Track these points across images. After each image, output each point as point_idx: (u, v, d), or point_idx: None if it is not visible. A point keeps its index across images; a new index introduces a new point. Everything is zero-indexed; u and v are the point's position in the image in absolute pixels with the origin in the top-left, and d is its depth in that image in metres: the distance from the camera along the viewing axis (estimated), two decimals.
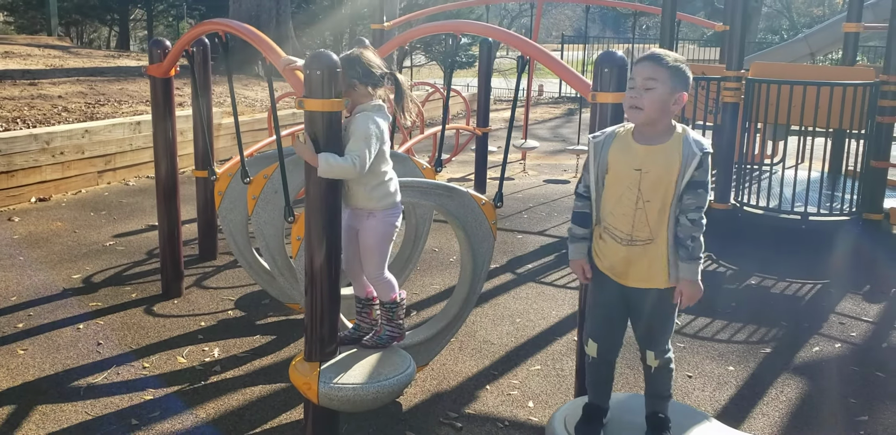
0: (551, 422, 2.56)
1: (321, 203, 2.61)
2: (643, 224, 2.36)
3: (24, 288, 4.53)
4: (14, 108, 8.02)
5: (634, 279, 2.41)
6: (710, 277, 5.21)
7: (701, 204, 2.32)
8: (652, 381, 2.51)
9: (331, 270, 2.67)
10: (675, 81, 2.30)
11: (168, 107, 4.20)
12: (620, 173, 2.37)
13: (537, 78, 23.43)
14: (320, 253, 2.64)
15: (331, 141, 2.54)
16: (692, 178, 2.32)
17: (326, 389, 2.58)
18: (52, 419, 3.08)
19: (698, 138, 2.35)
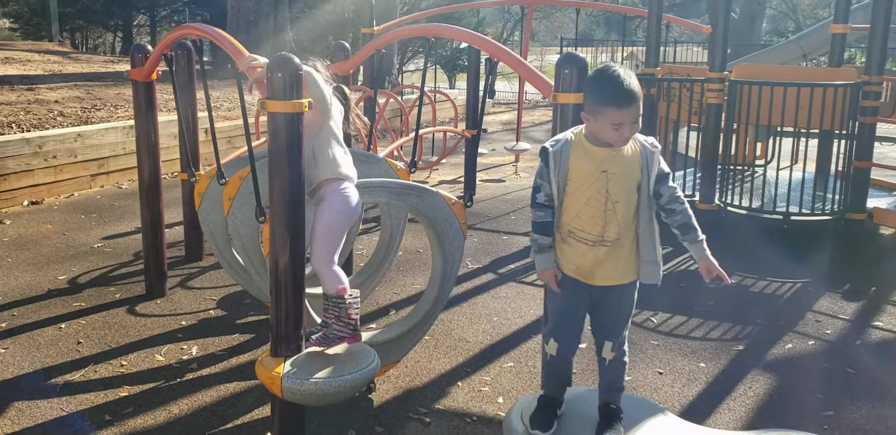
0: (509, 414, 2.61)
1: (285, 204, 2.68)
2: (613, 225, 2.41)
3: (9, 289, 4.61)
4: (10, 114, 8.13)
5: (602, 278, 2.47)
6: (690, 276, 5.27)
7: (676, 188, 2.46)
8: (606, 373, 2.57)
9: (294, 270, 2.73)
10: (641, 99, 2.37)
11: (150, 110, 4.28)
12: (586, 177, 2.41)
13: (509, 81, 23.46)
14: (284, 253, 2.71)
15: (293, 141, 2.61)
16: (661, 172, 2.43)
17: (289, 383, 2.65)
18: (27, 415, 3.15)
19: (644, 137, 2.44)
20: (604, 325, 2.55)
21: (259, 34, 13.13)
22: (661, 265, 2.48)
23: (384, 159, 3.81)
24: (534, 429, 2.47)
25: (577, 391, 2.76)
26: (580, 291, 2.50)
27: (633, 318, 4.39)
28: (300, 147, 2.64)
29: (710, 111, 6.08)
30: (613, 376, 2.56)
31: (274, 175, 2.65)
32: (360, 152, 3.86)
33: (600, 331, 2.57)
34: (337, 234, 2.95)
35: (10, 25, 31.03)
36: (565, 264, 2.50)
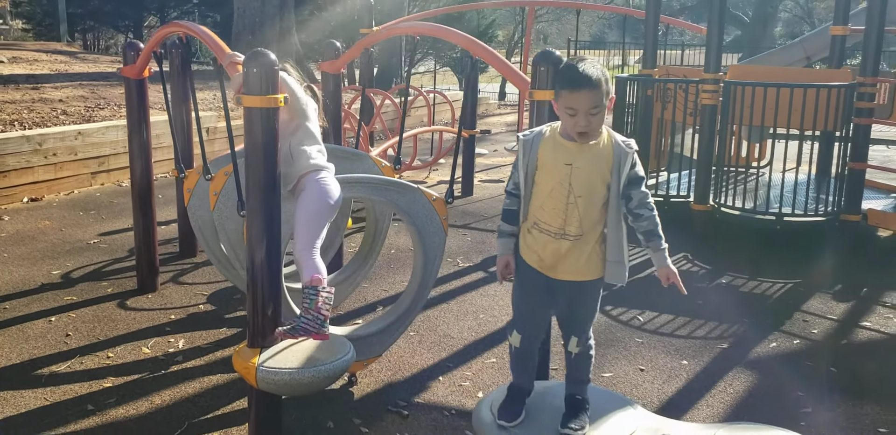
0: (478, 405, 2.65)
1: (261, 197, 2.72)
2: (574, 219, 2.44)
3: (2, 283, 4.68)
4: (13, 112, 8.22)
5: (564, 272, 2.50)
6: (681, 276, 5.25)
7: (647, 194, 2.48)
8: (572, 366, 2.60)
9: (271, 263, 2.78)
10: (606, 91, 2.38)
11: (142, 107, 4.34)
12: (551, 169, 2.45)
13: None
14: (260, 246, 2.75)
15: (268, 136, 2.65)
16: (634, 175, 2.44)
17: (263, 373, 2.69)
18: (11, 404, 3.20)
19: (623, 138, 2.47)
20: (569, 320, 2.58)
21: (265, 35, 13.21)
22: (626, 266, 2.51)
23: (369, 156, 3.85)
24: (500, 419, 2.50)
25: (548, 384, 2.79)
26: (541, 284, 2.53)
27: (619, 316, 4.46)
28: (276, 142, 2.69)
29: (705, 112, 6.10)
30: (579, 369, 2.59)
31: (250, 169, 2.70)
32: (346, 150, 3.91)
33: (566, 325, 2.61)
34: (318, 221, 2.98)
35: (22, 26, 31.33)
36: (529, 254, 2.54)
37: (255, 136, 2.63)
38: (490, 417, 2.52)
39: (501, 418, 2.51)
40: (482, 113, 16.45)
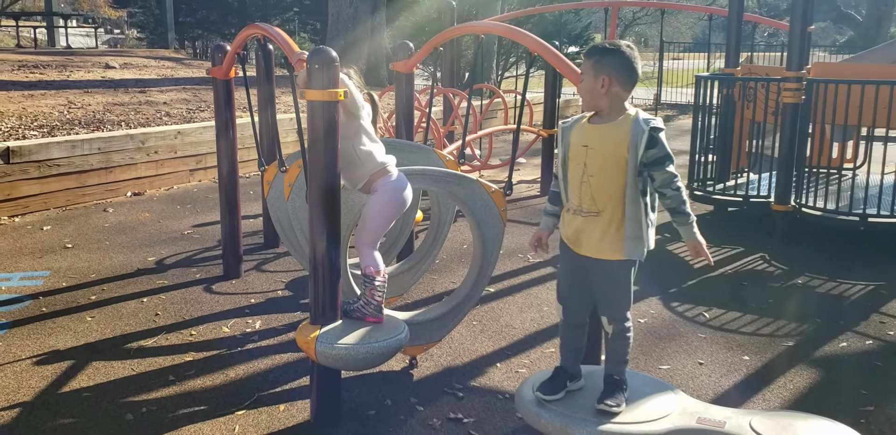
0: (522, 384, 2.77)
1: (321, 188, 2.91)
2: (588, 197, 2.58)
3: (103, 267, 5.08)
4: (121, 113, 8.82)
5: (586, 249, 2.63)
6: (756, 276, 5.22)
7: (673, 175, 2.53)
8: (609, 345, 2.69)
9: (330, 249, 2.96)
10: (596, 70, 2.54)
11: (229, 106, 4.64)
12: (574, 151, 2.62)
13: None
14: (322, 234, 2.95)
15: (329, 127, 2.85)
16: (654, 155, 2.50)
17: (322, 347, 2.88)
18: (102, 373, 3.52)
19: (647, 117, 2.53)
20: (599, 298, 2.69)
21: (356, 38, 13.63)
22: (645, 242, 2.58)
23: (433, 150, 4.01)
24: (538, 390, 2.62)
25: (595, 369, 2.88)
26: (572, 258, 2.69)
27: (684, 312, 4.47)
28: (336, 134, 2.87)
29: (787, 111, 6.00)
30: (615, 350, 2.67)
31: (311, 160, 2.90)
32: (411, 143, 4.08)
33: (598, 304, 2.71)
34: (384, 223, 3.23)
35: (137, 35, 33.18)
36: (564, 230, 2.73)
37: (317, 128, 2.83)
38: (530, 394, 2.64)
39: (539, 390, 2.62)
40: (573, 114, 16.42)
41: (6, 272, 4.95)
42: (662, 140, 2.52)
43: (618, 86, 2.54)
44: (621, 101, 2.57)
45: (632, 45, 2.59)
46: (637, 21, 34.68)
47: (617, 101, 2.56)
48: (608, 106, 2.56)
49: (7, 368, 3.56)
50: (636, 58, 2.57)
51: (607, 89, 2.53)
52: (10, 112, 8.13)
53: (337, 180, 2.95)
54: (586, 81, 2.57)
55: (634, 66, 2.56)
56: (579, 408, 2.56)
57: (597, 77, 2.53)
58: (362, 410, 3.24)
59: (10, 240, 5.70)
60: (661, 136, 2.52)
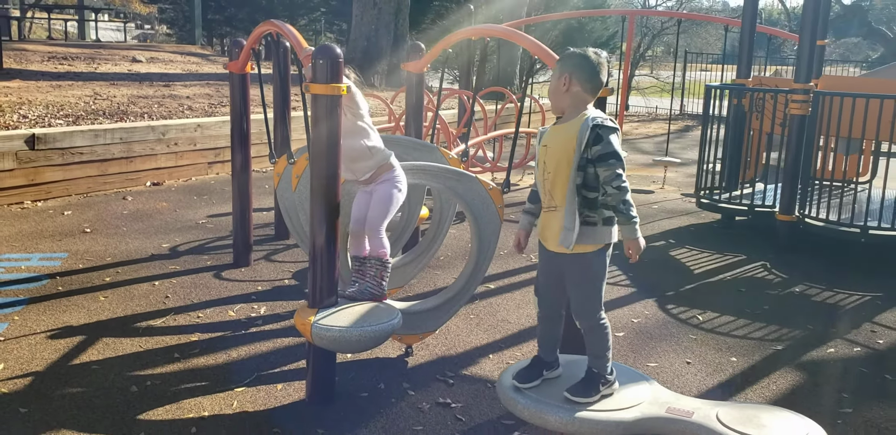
0: (503, 372, 2.90)
1: (324, 178, 3.06)
2: (547, 193, 2.74)
3: (119, 252, 5.27)
4: (145, 106, 9.05)
5: (550, 243, 2.77)
6: (755, 283, 5.32)
7: (617, 172, 2.59)
8: (585, 339, 2.81)
9: (330, 234, 3.12)
10: (560, 69, 2.70)
11: (244, 100, 4.81)
12: (539, 151, 2.79)
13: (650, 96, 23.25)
14: (321, 222, 3.10)
15: (332, 121, 3.00)
16: (598, 152, 2.60)
17: (317, 329, 3.03)
18: (111, 348, 3.69)
19: (597, 115, 2.66)
20: (569, 295, 2.79)
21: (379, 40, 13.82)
22: (573, 232, 2.63)
23: (437, 148, 4.16)
24: (514, 378, 2.75)
25: (575, 358, 3.00)
26: (543, 253, 2.82)
27: (678, 314, 4.58)
28: (339, 127, 3.03)
29: (794, 123, 6.09)
30: (589, 344, 2.78)
31: (314, 152, 3.05)
32: (416, 141, 4.23)
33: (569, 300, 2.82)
34: (391, 209, 3.44)
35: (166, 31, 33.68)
36: (538, 226, 2.86)
37: (320, 121, 2.99)
38: (509, 381, 2.77)
39: (515, 378, 2.75)
40: None
41: (27, 253, 5.15)
42: (609, 138, 2.60)
43: (578, 86, 2.66)
44: (583, 103, 2.69)
45: (599, 53, 2.72)
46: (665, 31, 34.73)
47: (578, 101, 2.69)
48: (569, 106, 2.69)
49: (23, 340, 3.75)
50: (601, 64, 2.69)
51: (568, 88, 2.67)
52: (38, 101, 8.38)
53: (337, 172, 3.10)
54: (552, 82, 2.74)
55: (597, 71, 2.68)
56: (554, 395, 2.69)
57: (560, 76, 2.69)
58: (356, 392, 3.38)
59: (33, 223, 5.91)
60: (606, 134, 2.60)
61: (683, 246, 6.25)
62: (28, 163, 6.40)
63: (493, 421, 3.20)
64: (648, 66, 40.78)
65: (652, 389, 2.77)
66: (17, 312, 4.11)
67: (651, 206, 7.85)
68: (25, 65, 10.96)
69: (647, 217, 7.26)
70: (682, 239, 6.47)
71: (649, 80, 28.23)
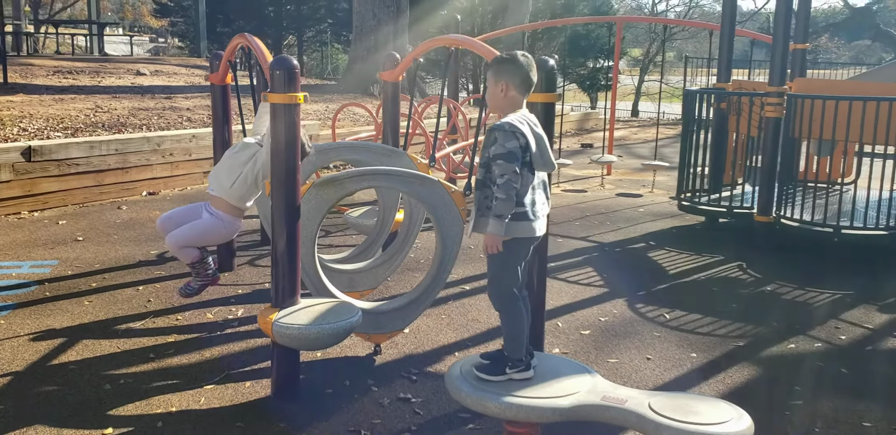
0: (453, 364, 3.04)
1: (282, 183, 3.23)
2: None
3: (108, 258, 5.46)
4: (145, 117, 9.28)
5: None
6: (727, 282, 5.43)
7: (502, 171, 2.75)
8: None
9: (291, 240, 3.28)
10: (497, 77, 2.88)
11: (225, 111, 5.00)
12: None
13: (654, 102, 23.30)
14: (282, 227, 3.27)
15: (290, 128, 3.17)
16: (493, 152, 2.79)
17: (277, 327, 3.19)
18: (89, 349, 3.87)
19: (505, 120, 2.83)
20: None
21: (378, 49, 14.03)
22: (472, 222, 2.88)
23: (406, 154, 4.32)
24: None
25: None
26: None
27: (646, 313, 4.70)
28: (296, 134, 3.19)
29: (769, 125, 6.21)
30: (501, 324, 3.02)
31: (274, 159, 3.22)
32: (385, 147, 4.39)
33: None
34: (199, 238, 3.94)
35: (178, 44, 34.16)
36: None
37: (278, 129, 3.15)
38: (455, 371, 2.92)
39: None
40: (592, 127, 16.67)
41: (19, 260, 5.35)
42: (500, 139, 2.79)
43: (514, 90, 2.86)
44: (517, 104, 2.89)
45: (527, 55, 2.90)
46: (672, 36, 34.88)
47: (512, 104, 2.88)
48: (504, 109, 2.88)
49: (6, 342, 3.93)
50: (531, 66, 2.89)
51: (505, 93, 2.86)
52: (39, 114, 8.62)
53: (297, 177, 3.27)
54: (489, 88, 2.90)
55: (529, 74, 2.88)
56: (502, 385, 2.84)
57: (497, 83, 2.85)
58: (321, 389, 3.53)
59: (27, 232, 6.12)
60: (501, 136, 2.79)
61: (663, 248, 6.37)
62: (24, 174, 6.61)
63: (449, 414, 3.34)
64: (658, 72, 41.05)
65: (593, 381, 2.90)
66: (3, 316, 4.30)
67: (637, 209, 7.97)
68: (30, 79, 11.24)
69: (631, 220, 7.39)
70: (662, 241, 6.59)
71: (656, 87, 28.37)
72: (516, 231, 2.86)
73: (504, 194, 2.75)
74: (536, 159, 2.89)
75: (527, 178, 2.85)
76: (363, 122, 11.20)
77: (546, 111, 3.38)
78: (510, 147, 2.77)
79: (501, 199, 2.75)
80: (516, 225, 2.85)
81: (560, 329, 4.41)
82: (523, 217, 2.86)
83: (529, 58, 2.89)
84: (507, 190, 2.75)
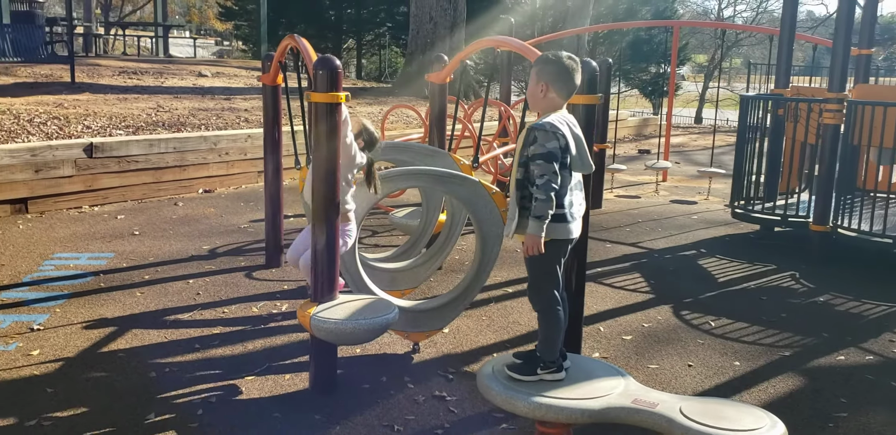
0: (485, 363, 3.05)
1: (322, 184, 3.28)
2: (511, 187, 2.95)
3: (162, 252, 5.63)
4: (203, 118, 9.51)
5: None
6: (778, 292, 5.31)
7: (542, 172, 2.75)
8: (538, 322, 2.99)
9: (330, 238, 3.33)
10: (538, 76, 2.87)
11: (276, 110, 5.10)
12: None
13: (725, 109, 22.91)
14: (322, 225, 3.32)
15: (331, 127, 3.23)
16: (532, 151, 2.78)
17: (315, 321, 3.25)
18: (138, 338, 4.00)
19: (545, 119, 2.82)
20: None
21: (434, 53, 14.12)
22: (514, 221, 2.85)
23: (449, 154, 4.35)
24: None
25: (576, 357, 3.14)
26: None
27: (691, 320, 4.64)
28: (337, 133, 3.24)
29: (827, 132, 6.07)
30: (539, 327, 2.99)
31: (315, 158, 3.28)
32: (428, 147, 4.43)
33: None
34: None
35: (241, 47, 34.90)
36: None
37: (320, 127, 3.21)
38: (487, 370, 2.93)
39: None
40: (650, 133, 16.47)
41: (77, 252, 5.55)
42: (540, 139, 2.77)
43: (553, 92, 2.85)
44: (556, 107, 2.87)
45: (573, 57, 2.88)
46: (738, 42, 34.23)
47: (551, 105, 2.87)
48: (543, 109, 2.88)
49: (60, 329, 4.09)
50: (575, 69, 2.86)
51: (545, 94, 2.85)
52: (103, 113, 8.92)
53: (336, 176, 3.31)
54: (530, 86, 2.90)
55: (572, 76, 2.86)
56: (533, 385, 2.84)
57: (538, 83, 2.85)
58: (359, 384, 3.58)
59: (87, 225, 6.34)
60: (541, 135, 2.78)
61: (714, 255, 6.26)
62: (86, 170, 6.85)
63: (483, 414, 3.35)
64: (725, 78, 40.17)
65: (625, 383, 2.88)
66: (59, 305, 4.46)
67: (691, 216, 7.85)
68: (97, 79, 11.63)
69: (683, 227, 7.28)
70: (713, 249, 6.48)
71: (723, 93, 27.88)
72: (555, 232, 2.86)
73: (544, 195, 2.75)
74: (575, 160, 2.89)
75: (566, 179, 2.85)
76: (416, 124, 11.27)
77: (587, 113, 3.37)
78: (550, 147, 2.77)
79: (541, 199, 2.75)
80: (554, 226, 2.85)
81: (602, 334, 4.38)
82: (561, 219, 2.86)
83: (575, 60, 2.88)
84: (547, 190, 2.75)
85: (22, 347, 3.85)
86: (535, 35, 19.99)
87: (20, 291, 4.68)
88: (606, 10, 26.98)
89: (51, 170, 6.63)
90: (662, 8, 27.88)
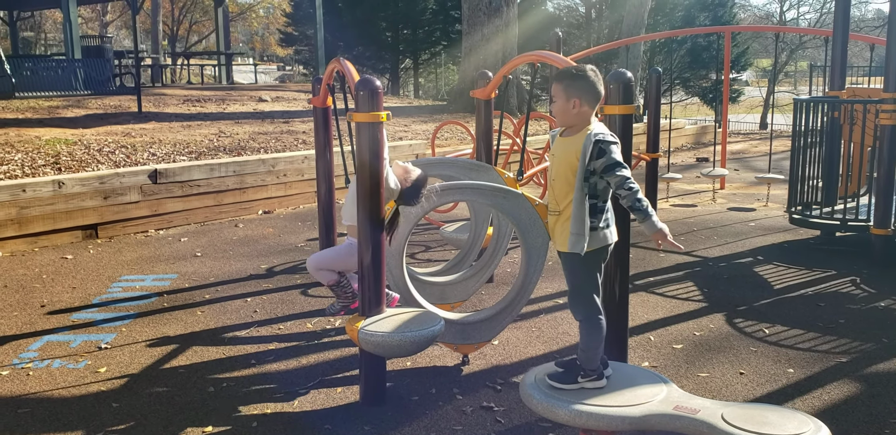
0: (528, 372, 3.10)
1: (368, 201, 3.40)
2: (552, 198, 3.00)
3: (222, 272, 5.83)
4: (263, 141, 9.82)
5: (556, 244, 3.03)
6: (836, 298, 5.21)
7: (623, 177, 2.81)
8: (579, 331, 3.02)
9: (376, 253, 3.44)
10: (568, 93, 2.91)
11: (327, 132, 5.25)
12: (549, 159, 3.06)
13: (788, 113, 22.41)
14: (368, 243, 3.43)
15: (373, 145, 3.34)
16: (602, 164, 2.82)
17: (363, 334, 3.34)
18: (198, 355, 4.16)
19: (600, 132, 2.87)
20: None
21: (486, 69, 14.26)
22: (584, 237, 2.85)
23: (493, 168, 4.42)
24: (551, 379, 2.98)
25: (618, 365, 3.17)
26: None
27: (744, 328, 4.60)
28: (380, 152, 3.36)
29: (885, 133, 5.94)
30: (580, 336, 3.00)
31: (359, 177, 3.39)
32: (472, 162, 4.51)
33: None
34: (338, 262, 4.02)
35: (302, 71, 35.78)
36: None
37: (363, 146, 3.33)
38: (530, 378, 2.98)
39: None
40: (709, 141, 16.23)
41: (143, 274, 5.80)
42: (609, 150, 2.82)
43: (586, 105, 2.90)
44: (587, 118, 2.93)
45: (595, 69, 2.94)
46: (803, 45, 33.52)
47: (583, 118, 2.92)
48: (577, 123, 2.93)
49: (126, 347, 4.29)
50: (599, 80, 2.94)
51: (578, 109, 2.90)
52: (168, 140, 9.30)
53: (380, 194, 3.42)
54: (559, 103, 2.93)
55: (598, 88, 2.93)
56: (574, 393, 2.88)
57: (568, 99, 2.90)
58: (408, 396, 3.66)
59: (152, 248, 6.61)
60: (608, 147, 2.83)
61: (771, 262, 6.17)
62: (151, 195, 7.16)
63: (530, 423, 3.39)
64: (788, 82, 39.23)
65: (667, 390, 2.90)
66: (125, 324, 4.68)
67: (748, 223, 7.74)
68: (162, 108, 12.11)
69: (740, 234, 7.19)
70: (770, 255, 6.38)
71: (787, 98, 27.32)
72: (597, 241, 2.93)
73: (640, 194, 2.83)
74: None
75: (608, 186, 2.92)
76: (469, 140, 11.38)
77: (624, 123, 3.41)
78: (618, 155, 2.87)
79: (640, 198, 2.82)
80: (595, 235, 2.92)
81: (651, 343, 4.37)
82: (601, 227, 2.94)
83: (597, 72, 2.96)
84: (638, 190, 2.83)
85: (90, 364, 4.06)
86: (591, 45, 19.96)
87: (90, 312, 4.92)
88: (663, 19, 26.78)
89: (118, 196, 6.95)
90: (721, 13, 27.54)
